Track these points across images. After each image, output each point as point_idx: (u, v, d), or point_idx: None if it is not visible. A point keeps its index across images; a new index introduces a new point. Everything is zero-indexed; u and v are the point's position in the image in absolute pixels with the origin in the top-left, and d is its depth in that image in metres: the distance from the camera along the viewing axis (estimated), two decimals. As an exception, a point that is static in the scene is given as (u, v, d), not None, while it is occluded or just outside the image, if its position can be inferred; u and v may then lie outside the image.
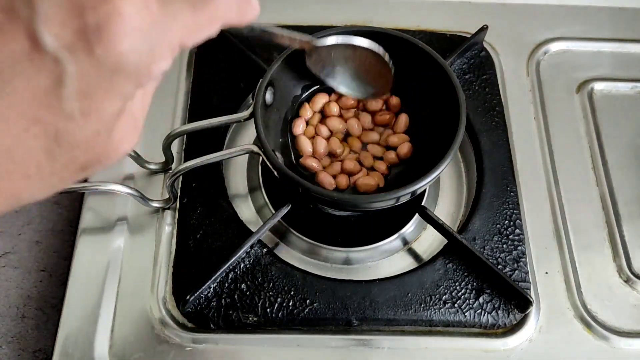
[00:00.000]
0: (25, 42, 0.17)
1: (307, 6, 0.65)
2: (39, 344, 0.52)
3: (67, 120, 0.19)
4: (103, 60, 0.18)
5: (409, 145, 0.51)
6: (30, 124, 0.19)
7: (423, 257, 0.53)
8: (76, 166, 0.21)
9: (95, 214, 0.52)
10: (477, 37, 0.60)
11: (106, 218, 0.52)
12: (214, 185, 0.53)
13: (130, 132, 0.22)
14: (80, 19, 0.17)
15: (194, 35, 0.22)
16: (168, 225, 0.52)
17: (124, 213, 0.52)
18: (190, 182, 0.53)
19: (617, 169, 0.57)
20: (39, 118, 0.19)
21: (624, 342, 0.49)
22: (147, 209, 0.52)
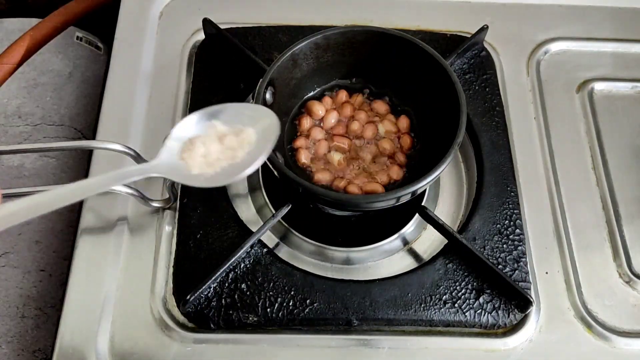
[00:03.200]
0: None
1: (307, 6, 0.65)
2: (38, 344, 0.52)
3: None
4: None
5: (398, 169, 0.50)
6: None
7: (423, 257, 0.53)
8: None
9: (95, 214, 0.52)
10: (477, 37, 0.60)
11: (106, 218, 0.52)
12: (214, 185, 0.52)
13: None
14: None
15: None
16: (168, 225, 0.52)
17: (124, 213, 0.52)
18: (190, 182, 0.53)
19: (617, 169, 0.57)
20: None
21: (624, 342, 0.49)
22: (147, 209, 0.52)
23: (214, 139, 0.35)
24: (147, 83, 0.59)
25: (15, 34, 0.64)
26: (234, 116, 0.37)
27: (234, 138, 0.36)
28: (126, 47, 0.62)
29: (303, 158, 0.50)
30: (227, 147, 0.35)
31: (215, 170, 0.35)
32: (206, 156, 0.35)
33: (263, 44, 0.60)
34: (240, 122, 0.36)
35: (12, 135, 0.62)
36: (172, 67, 0.61)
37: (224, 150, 0.35)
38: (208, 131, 0.36)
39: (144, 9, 0.64)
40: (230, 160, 0.35)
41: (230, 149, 0.35)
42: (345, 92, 0.54)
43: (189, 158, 0.35)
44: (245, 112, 0.37)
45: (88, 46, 0.71)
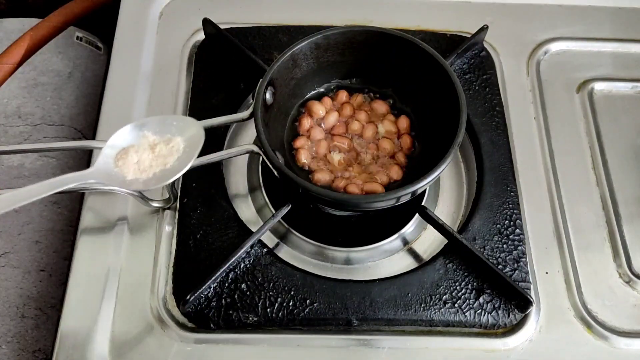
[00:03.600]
0: None
1: (307, 6, 0.65)
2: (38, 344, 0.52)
3: None
4: None
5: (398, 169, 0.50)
6: None
7: (423, 257, 0.53)
8: None
9: (95, 214, 0.52)
10: (477, 37, 0.60)
11: (106, 218, 0.52)
12: (214, 185, 0.53)
13: None
14: None
15: None
16: (168, 225, 0.52)
17: (124, 213, 0.52)
18: (190, 182, 0.53)
19: (617, 169, 0.57)
20: None
21: (624, 342, 0.49)
22: (147, 209, 0.52)
23: (145, 148, 0.39)
24: (147, 83, 0.59)
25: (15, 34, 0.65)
26: (163, 126, 0.40)
27: (164, 146, 0.39)
28: (126, 47, 0.62)
29: (303, 158, 0.50)
30: (158, 154, 0.39)
31: (148, 176, 0.38)
32: (139, 163, 0.38)
33: (263, 44, 0.60)
34: (169, 132, 0.40)
35: (12, 135, 0.62)
36: (172, 67, 0.61)
37: (156, 158, 0.39)
38: (141, 141, 0.39)
39: (144, 9, 0.64)
40: (162, 167, 0.39)
41: (161, 157, 0.39)
42: (345, 92, 0.54)
43: (123, 165, 0.38)
44: (173, 123, 0.40)
45: (88, 46, 0.71)
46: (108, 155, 0.38)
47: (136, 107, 0.58)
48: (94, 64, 0.70)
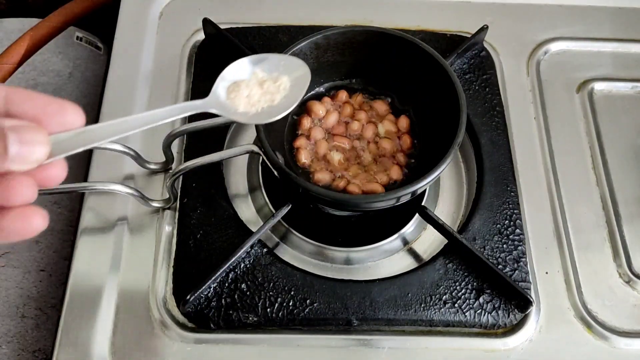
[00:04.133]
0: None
1: (307, 6, 0.65)
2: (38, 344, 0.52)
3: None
4: None
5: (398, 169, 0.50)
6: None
7: (423, 257, 0.53)
8: None
9: (95, 214, 0.52)
10: (477, 37, 0.60)
11: (106, 218, 0.52)
12: (214, 185, 0.53)
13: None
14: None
15: None
16: (168, 225, 0.52)
17: (124, 213, 0.52)
18: (191, 182, 0.53)
19: (617, 169, 0.57)
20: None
21: (624, 342, 0.49)
22: (147, 209, 0.52)
23: (255, 83, 0.40)
24: (147, 83, 0.59)
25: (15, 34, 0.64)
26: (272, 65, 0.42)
27: (272, 84, 0.41)
28: (126, 47, 0.62)
29: (303, 158, 0.50)
30: (266, 91, 0.40)
31: (257, 110, 0.40)
32: (249, 97, 0.40)
33: (263, 44, 0.60)
34: (277, 70, 0.42)
35: (12, 135, 0.62)
36: (172, 67, 0.61)
37: (264, 94, 0.40)
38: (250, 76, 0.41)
39: (144, 9, 0.64)
40: (270, 103, 0.40)
41: (269, 93, 0.40)
42: (345, 92, 0.54)
43: (235, 98, 0.39)
44: (281, 62, 0.42)
45: (88, 46, 0.71)
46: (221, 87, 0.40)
47: (136, 107, 0.58)
48: (94, 64, 0.70)
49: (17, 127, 0.25)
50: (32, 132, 0.25)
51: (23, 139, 0.25)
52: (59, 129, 0.27)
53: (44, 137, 0.26)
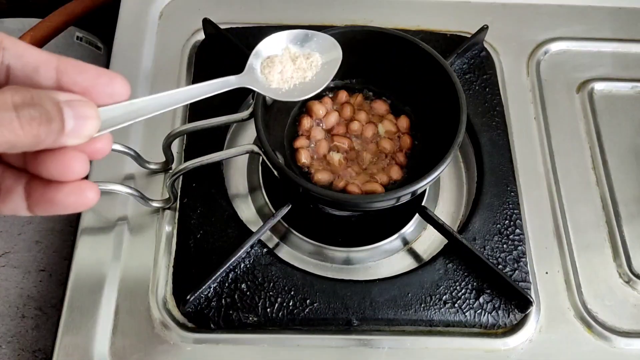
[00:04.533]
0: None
1: (307, 6, 0.65)
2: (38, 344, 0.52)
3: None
4: None
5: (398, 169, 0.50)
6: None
7: (423, 257, 0.53)
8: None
9: (95, 214, 0.52)
10: (477, 37, 0.60)
11: (106, 218, 0.52)
12: (214, 185, 0.53)
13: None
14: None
15: None
16: (168, 225, 0.52)
17: (124, 213, 0.52)
18: (190, 182, 0.53)
19: (617, 169, 0.57)
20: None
21: (624, 342, 0.49)
22: (147, 209, 0.52)
23: (288, 59, 0.41)
24: (147, 83, 0.59)
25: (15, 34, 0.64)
26: (304, 41, 0.42)
27: (304, 60, 0.41)
28: (126, 47, 0.62)
29: (303, 158, 0.50)
30: (299, 67, 0.41)
31: (289, 86, 0.40)
32: (282, 73, 0.40)
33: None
34: (310, 47, 0.42)
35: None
36: (172, 67, 0.61)
37: (296, 70, 0.41)
38: (283, 52, 0.41)
39: (144, 9, 0.64)
40: (302, 79, 0.41)
41: (301, 70, 0.41)
42: (345, 92, 0.54)
43: (269, 74, 0.40)
44: (314, 38, 0.42)
45: (88, 46, 0.71)
46: (255, 62, 0.40)
47: (136, 107, 0.58)
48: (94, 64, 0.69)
49: (71, 101, 0.25)
50: (85, 107, 0.26)
51: (77, 113, 0.25)
52: (108, 100, 0.27)
53: (96, 112, 0.26)
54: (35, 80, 0.25)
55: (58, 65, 0.26)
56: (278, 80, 0.40)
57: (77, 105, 0.25)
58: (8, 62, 0.25)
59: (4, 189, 0.27)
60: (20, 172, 0.27)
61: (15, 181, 0.27)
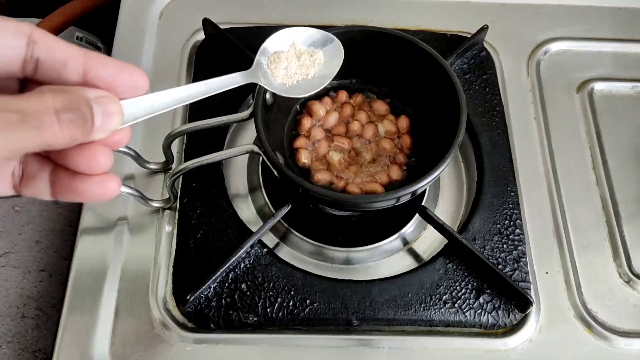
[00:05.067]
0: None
1: (307, 6, 0.65)
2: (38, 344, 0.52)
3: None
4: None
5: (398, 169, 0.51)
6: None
7: (423, 257, 0.53)
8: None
9: (95, 214, 0.52)
10: (477, 37, 0.60)
11: (106, 218, 0.52)
12: (214, 185, 0.53)
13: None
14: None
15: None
16: (168, 225, 0.52)
17: (124, 213, 0.52)
18: (191, 182, 0.53)
19: (617, 169, 0.57)
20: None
21: (624, 342, 0.49)
22: (147, 209, 0.52)
23: (293, 55, 0.42)
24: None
25: (15, 34, 0.64)
26: (308, 38, 0.43)
27: (308, 57, 0.42)
28: (126, 47, 0.62)
29: (303, 158, 0.50)
30: (302, 64, 0.42)
31: (292, 82, 0.41)
32: (287, 69, 0.41)
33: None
34: (313, 44, 0.43)
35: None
36: (172, 67, 0.61)
37: (300, 67, 0.42)
38: (289, 48, 0.42)
39: (144, 9, 0.64)
40: (304, 76, 0.42)
41: (305, 67, 0.42)
42: (345, 92, 0.54)
43: (275, 69, 0.41)
44: (317, 36, 0.43)
45: (88, 46, 0.71)
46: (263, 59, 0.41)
47: (136, 107, 0.58)
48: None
49: (99, 98, 0.26)
50: (111, 103, 0.27)
51: (105, 110, 0.26)
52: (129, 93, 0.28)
53: (120, 108, 0.27)
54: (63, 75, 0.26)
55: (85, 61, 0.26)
56: (283, 76, 0.41)
57: (104, 102, 0.26)
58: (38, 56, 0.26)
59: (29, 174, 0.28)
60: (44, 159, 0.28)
61: (41, 167, 0.28)
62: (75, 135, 0.25)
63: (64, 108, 0.24)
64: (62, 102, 0.24)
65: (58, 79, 0.26)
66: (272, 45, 0.42)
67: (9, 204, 0.58)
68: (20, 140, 0.23)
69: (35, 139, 0.23)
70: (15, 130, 0.23)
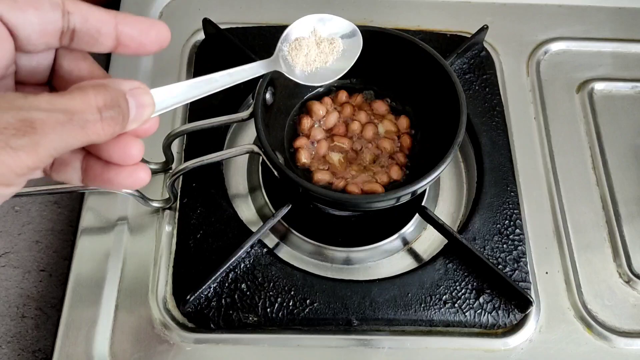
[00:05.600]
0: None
1: (307, 6, 0.65)
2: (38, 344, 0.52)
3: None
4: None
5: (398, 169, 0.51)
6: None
7: (423, 257, 0.53)
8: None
9: (95, 214, 0.52)
10: (477, 37, 0.60)
11: (106, 218, 0.52)
12: (214, 185, 0.53)
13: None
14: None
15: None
16: (168, 225, 0.52)
17: (124, 213, 0.52)
18: (190, 182, 0.53)
19: (617, 169, 0.57)
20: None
21: (624, 342, 0.49)
22: (147, 209, 0.52)
23: (313, 42, 0.42)
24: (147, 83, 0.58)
25: (15, 34, 0.64)
26: (329, 26, 0.43)
27: (328, 45, 0.42)
28: (126, 47, 0.62)
29: (303, 158, 0.50)
30: (322, 51, 0.42)
31: (311, 69, 0.42)
32: (307, 56, 0.42)
33: (263, 44, 0.60)
34: (333, 32, 0.43)
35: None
36: (172, 66, 0.61)
37: (319, 54, 0.42)
38: (310, 35, 0.42)
39: (144, 9, 0.64)
40: (323, 64, 0.42)
41: (324, 54, 0.42)
42: (345, 92, 0.54)
43: (295, 57, 0.41)
44: (338, 24, 0.43)
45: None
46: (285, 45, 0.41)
47: (136, 107, 0.58)
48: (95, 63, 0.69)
49: (133, 90, 0.27)
50: (145, 95, 0.28)
51: (138, 102, 0.27)
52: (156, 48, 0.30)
53: (152, 99, 0.28)
54: (98, 41, 0.27)
55: (117, 24, 0.28)
56: (302, 63, 0.41)
57: (138, 94, 0.27)
58: (74, 26, 0.26)
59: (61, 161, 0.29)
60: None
61: (73, 155, 0.29)
62: (115, 130, 0.26)
63: (106, 106, 0.25)
64: (103, 100, 0.25)
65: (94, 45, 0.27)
66: (294, 32, 0.42)
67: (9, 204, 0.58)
68: (66, 139, 0.24)
69: (79, 137, 0.24)
70: (62, 130, 0.23)
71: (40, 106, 0.23)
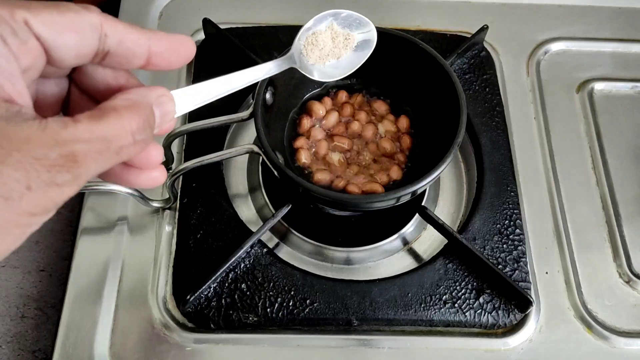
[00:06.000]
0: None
1: (307, 6, 0.65)
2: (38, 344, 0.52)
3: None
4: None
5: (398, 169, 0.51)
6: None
7: (423, 257, 0.53)
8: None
9: (95, 214, 0.52)
10: (477, 37, 0.60)
11: (106, 218, 0.52)
12: (214, 185, 0.53)
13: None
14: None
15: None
16: (168, 225, 0.52)
17: (124, 213, 0.52)
18: (190, 182, 0.53)
19: (617, 169, 0.57)
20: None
21: (624, 342, 0.49)
22: (147, 209, 0.52)
23: (329, 36, 0.42)
24: (146, 83, 0.59)
25: (15, 34, 0.64)
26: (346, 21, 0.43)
27: (342, 40, 0.42)
28: (126, 47, 0.62)
29: (303, 158, 0.50)
30: (336, 45, 0.42)
31: (324, 64, 0.41)
32: (322, 50, 0.41)
33: (263, 44, 0.60)
34: (349, 27, 0.43)
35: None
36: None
37: (333, 49, 0.42)
38: (326, 29, 0.42)
39: (144, 9, 0.64)
40: (335, 59, 0.42)
41: (337, 49, 0.42)
42: (345, 92, 0.54)
43: (310, 51, 0.41)
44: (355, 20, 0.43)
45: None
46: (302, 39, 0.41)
47: (136, 107, 0.58)
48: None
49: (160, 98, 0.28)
50: (169, 104, 0.28)
51: (162, 110, 0.28)
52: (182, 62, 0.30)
53: (174, 106, 0.29)
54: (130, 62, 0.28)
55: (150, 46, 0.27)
56: (316, 57, 0.41)
57: (163, 103, 0.28)
58: (109, 49, 0.26)
59: None
60: None
61: None
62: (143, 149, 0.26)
63: (139, 130, 0.25)
64: (137, 123, 0.25)
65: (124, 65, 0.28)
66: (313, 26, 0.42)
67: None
68: (102, 165, 0.24)
69: (113, 161, 0.24)
70: (100, 158, 0.24)
71: (82, 137, 0.23)
